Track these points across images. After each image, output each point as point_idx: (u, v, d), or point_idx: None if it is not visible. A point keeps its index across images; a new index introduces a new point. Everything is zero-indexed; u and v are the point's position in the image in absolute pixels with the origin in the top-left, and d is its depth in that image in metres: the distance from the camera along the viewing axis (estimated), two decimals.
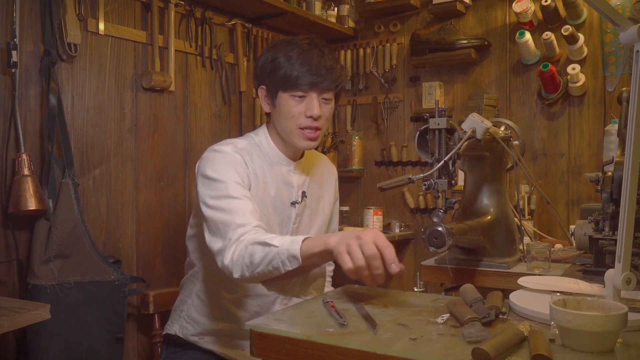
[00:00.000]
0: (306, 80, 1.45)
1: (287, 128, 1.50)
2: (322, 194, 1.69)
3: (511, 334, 0.86)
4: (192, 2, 2.31)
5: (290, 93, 1.47)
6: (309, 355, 0.94)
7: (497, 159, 1.55)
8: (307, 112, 1.47)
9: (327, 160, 1.79)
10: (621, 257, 0.97)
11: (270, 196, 1.52)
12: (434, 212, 1.25)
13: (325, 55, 1.49)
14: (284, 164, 1.57)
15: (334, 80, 1.49)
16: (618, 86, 2.34)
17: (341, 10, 2.95)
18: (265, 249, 1.24)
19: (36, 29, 1.77)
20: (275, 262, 1.22)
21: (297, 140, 1.50)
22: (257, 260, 1.25)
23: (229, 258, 1.30)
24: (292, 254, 1.20)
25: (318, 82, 1.46)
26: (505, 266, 1.46)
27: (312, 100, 1.47)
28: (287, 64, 1.46)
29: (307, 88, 1.46)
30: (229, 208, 1.37)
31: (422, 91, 2.76)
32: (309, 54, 1.47)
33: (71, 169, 1.78)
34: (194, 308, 1.57)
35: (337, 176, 1.79)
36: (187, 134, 2.28)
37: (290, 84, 1.46)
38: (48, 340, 1.66)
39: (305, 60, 1.46)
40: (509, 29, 2.60)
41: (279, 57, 1.48)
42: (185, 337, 1.57)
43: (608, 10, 1.02)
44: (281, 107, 1.50)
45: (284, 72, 1.46)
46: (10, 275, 1.70)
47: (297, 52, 1.47)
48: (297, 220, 1.58)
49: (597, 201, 2.11)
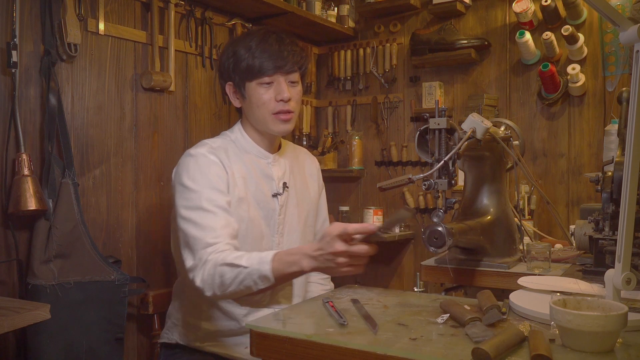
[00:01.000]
0: (270, 65, 1.49)
1: (260, 116, 1.53)
2: (306, 184, 1.71)
3: (511, 334, 0.86)
4: (192, 2, 2.31)
5: (257, 81, 1.50)
6: (308, 355, 0.94)
7: (497, 159, 1.55)
8: (277, 97, 1.50)
9: (306, 152, 1.82)
10: (621, 257, 0.97)
11: (251, 190, 1.53)
12: (434, 212, 1.26)
13: (284, 40, 1.53)
14: (262, 157, 1.59)
15: (297, 61, 1.52)
16: (618, 86, 2.34)
17: (341, 10, 2.95)
18: (235, 270, 1.27)
19: (36, 29, 1.76)
20: (247, 282, 1.26)
21: (272, 126, 1.53)
22: (227, 281, 1.29)
23: (199, 278, 1.34)
24: (264, 274, 1.24)
25: (282, 65, 1.49)
26: (505, 266, 1.46)
27: (280, 84, 1.50)
28: (248, 55, 1.50)
29: (272, 73, 1.49)
30: (200, 222, 1.39)
31: (422, 91, 2.76)
32: (267, 41, 1.51)
33: (71, 169, 1.78)
34: (188, 314, 1.57)
35: (318, 166, 1.82)
36: (187, 134, 2.28)
37: (255, 72, 1.49)
38: (48, 340, 1.66)
39: (265, 47, 1.50)
40: (509, 29, 2.60)
41: (239, 50, 1.52)
42: (186, 344, 1.57)
43: (608, 10, 1.02)
44: (251, 97, 1.52)
45: (247, 62, 1.50)
46: (10, 275, 1.70)
47: (255, 41, 1.51)
48: (282, 212, 1.58)
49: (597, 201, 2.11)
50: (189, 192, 1.43)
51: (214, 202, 1.41)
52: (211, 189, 1.43)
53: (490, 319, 0.99)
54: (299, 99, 1.57)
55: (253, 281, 1.25)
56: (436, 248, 1.23)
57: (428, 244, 1.24)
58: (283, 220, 1.58)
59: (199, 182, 1.44)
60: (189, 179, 1.45)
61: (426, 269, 1.57)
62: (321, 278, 1.74)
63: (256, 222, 1.52)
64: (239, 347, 1.54)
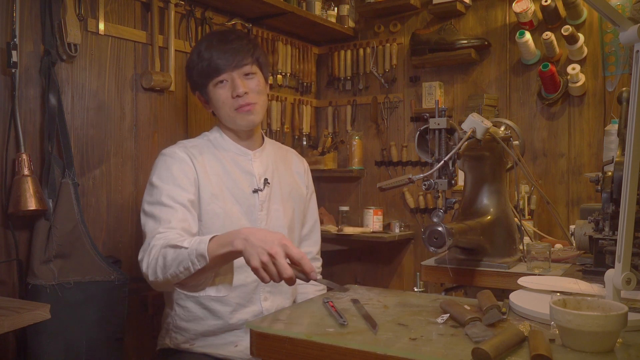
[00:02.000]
0: (218, 65, 1.53)
1: (225, 115, 1.58)
2: (293, 182, 1.73)
3: (511, 334, 0.86)
4: (192, 2, 2.31)
5: (213, 83, 1.56)
6: (309, 355, 0.94)
7: (497, 159, 1.55)
8: (233, 93, 1.55)
9: (294, 152, 1.84)
10: (621, 257, 0.97)
11: (228, 186, 1.56)
12: (434, 212, 1.26)
13: (227, 37, 1.57)
14: (241, 154, 1.63)
15: (244, 54, 1.56)
16: (618, 86, 2.34)
17: (341, 10, 2.95)
18: (177, 251, 1.26)
19: (36, 29, 1.76)
20: (185, 263, 1.24)
21: (238, 121, 1.57)
22: (169, 262, 1.28)
23: (145, 263, 1.34)
24: (200, 253, 1.21)
25: (228, 63, 1.53)
26: (505, 266, 1.46)
27: (233, 80, 1.55)
28: (198, 60, 1.56)
29: (222, 71, 1.54)
30: (158, 215, 1.42)
31: (422, 91, 2.76)
32: (212, 42, 1.56)
33: (71, 169, 1.78)
34: (177, 317, 1.57)
35: (308, 167, 1.83)
36: (187, 134, 2.28)
37: (207, 74, 1.55)
38: (48, 340, 1.66)
39: (211, 48, 1.54)
40: (509, 29, 2.60)
41: (192, 57, 1.59)
42: (176, 347, 1.58)
43: (608, 10, 1.02)
44: (213, 99, 1.58)
45: (199, 67, 1.56)
46: (10, 275, 1.70)
47: (204, 45, 1.57)
48: (265, 207, 1.60)
49: (597, 201, 2.11)
50: (153, 189, 1.49)
51: (174, 198, 1.45)
52: (174, 185, 1.47)
53: (490, 319, 0.99)
54: (259, 89, 1.59)
55: (191, 261, 1.22)
56: (436, 248, 1.23)
57: (428, 244, 1.24)
58: (266, 216, 1.60)
59: (164, 178, 1.49)
60: (155, 176, 1.50)
61: (426, 269, 1.57)
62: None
63: (234, 217, 1.54)
64: (228, 345, 1.54)
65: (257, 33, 2.64)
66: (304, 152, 2.96)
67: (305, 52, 2.97)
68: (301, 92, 2.99)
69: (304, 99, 2.99)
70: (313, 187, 1.82)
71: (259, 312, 1.57)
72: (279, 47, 2.76)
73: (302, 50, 2.94)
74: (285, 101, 2.84)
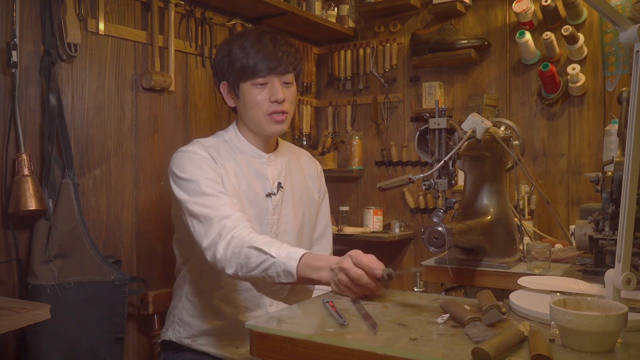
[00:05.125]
0: (264, 67, 1.49)
1: (254, 117, 1.53)
2: (305, 186, 1.70)
3: (511, 334, 0.86)
4: (192, 2, 2.31)
5: (251, 82, 1.51)
6: (309, 355, 0.94)
7: (497, 159, 1.55)
8: (271, 98, 1.51)
9: (308, 154, 1.81)
10: (621, 257, 0.97)
11: (243, 189, 1.53)
12: (434, 212, 1.25)
13: (278, 40, 1.53)
14: (256, 157, 1.60)
15: (291, 62, 1.53)
16: (618, 86, 2.34)
17: (341, 10, 2.95)
18: (262, 256, 1.24)
19: (36, 29, 1.76)
20: (271, 272, 1.23)
21: (266, 127, 1.54)
22: (252, 264, 1.26)
23: (221, 252, 1.30)
24: (288, 270, 1.21)
25: (276, 67, 1.50)
26: (505, 266, 1.46)
27: (274, 85, 1.51)
28: (242, 55, 1.50)
29: (266, 74, 1.50)
30: (207, 204, 1.39)
31: (422, 91, 2.76)
32: (262, 41, 1.51)
33: (71, 169, 1.78)
34: (184, 311, 1.58)
35: (321, 170, 1.80)
36: (187, 134, 2.28)
37: (249, 72, 1.50)
38: (48, 340, 1.66)
39: (260, 47, 1.50)
40: (509, 29, 2.60)
41: (233, 50, 1.52)
42: (179, 341, 1.58)
43: (608, 10, 1.02)
44: (245, 97, 1.53)
45: (241, 62, 1.50)
46: (10, 275, 1.70)
47: (250, 41, 1.51)
48: (277, 212, 1.58)
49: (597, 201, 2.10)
50: (187, 183, 1.45)
51: (214, 187, 1.42)
52: (206, 179, 1.44)
53: (490, 319, 0.99)
54: (294, 100, 1.57)
55: (277, 273, 1.23)
56: (436, 248, 1.23)
57: (428, 244, 1.24)
58: (277, 220, 1.58)
59: (194, 173, 1.46)
60: (183, 172, 1.47)
61: (426, 269, 1.57)
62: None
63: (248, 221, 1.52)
64: (229, 346, 1.54)
65: None
66: None
67: (305, 52, 2.97)
68: (301, 92, 2.99)
69: (304, 99, 2.99)
70: (326, 189, 1.79)
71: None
72: None
73: (302, 50, 2.94)
74: None
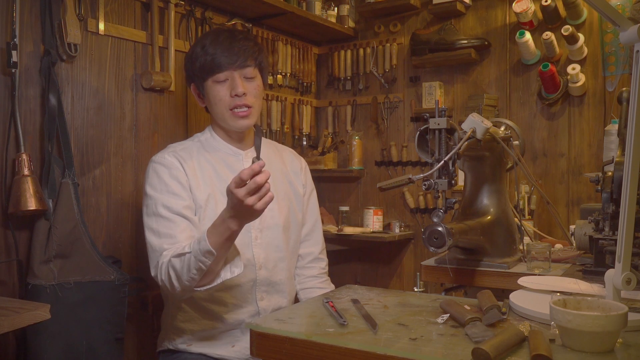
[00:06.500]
0: (222, 62, 1.53)
1: (219, 113, 1.57)
2: (289, 180, 1.72)
3: (511, 334, 0.86)
4: (192, 2, 2.31)
5: (212, 79, 1.55)
6: (309, 355, 0.94)
7: (497, 159, 1.55)
8: (231, 92, 1.54)
9: (291, 151, 1.84)
10: (621, 257, 0.97)
11: (219, 188, 1.56)
12: (434, 212, 1.26)
13: (236, 36, 1.57)
14: (232, 154, 1.63)
15: (250, 56, 1.56)
16: (618, 86, 2.34)
17: (341, 10, 2.95)
18: (182, 258, 1.34)
19: (36, 29, 1.76)
20: (195, 265, 1.31)
21: (231, 122, 1.57)
22: (179, 271, 1.35)
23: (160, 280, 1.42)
24: (205, 250, 1.28)
25: (234, 61, 1.53)
26: (505, 266, 1.46)
27: (234, 79, 1.54)
28: (202, 53, 1.55)
29: (225, 69, 1.53)
30: (158, 230, 1.46)
31: (422, 91, 2.76)
32: (219, 38, 1.55)
33: (71, 169, 1.78)
34: (176, 319, 1.58)
35: (306, 165, 1.82)
36: (187, 134, 2.27)
37: (209, 69, 1.54)
38: (48, 340, 1.66)
39: (217, 44, 1.54)
40: (509, 29, 2.60)
41: (195, 50, 1.58)
42: (175, 348, 1.58)
43: (608, 10, 1.02)
44: (209, 95, 1.57)
45: (201, 61, 1.55)
46: (10, 275, 1.70)
47: (209, 39, 1.56)
48: None
49: (597, 201, 2.11)
50: (148, 199, 1.51)
51: (171, 209, 1.47)
52: (168, 193, 1.49)
53: (490, 319, 0.99)
54: (258, 93, 1.59)
55: (200, 260, 1.30)
56: (436, 248, 1.23)
57: (428, 244, 1.24)
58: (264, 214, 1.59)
59: (156, 187, 1.51)
60: (149, 185, 1.53)
61: (426, 269, 1.57)
62: (320, 281, 1.74)
63: None
64: (225, 346, 1.54)
65: (257, 33, 2.64)
66: (304, 152, 2.96)
67: (305, 52, 2.97)
68: (301, 92, 2.99)
69: (304, 99, 2.99)
70: (313, 186, 1.81)
71: (255, 312, 1.57)
72: (279, 47, 2.76)
73: (302, 50, 2.94)
74: (285, 101, 2.84)
